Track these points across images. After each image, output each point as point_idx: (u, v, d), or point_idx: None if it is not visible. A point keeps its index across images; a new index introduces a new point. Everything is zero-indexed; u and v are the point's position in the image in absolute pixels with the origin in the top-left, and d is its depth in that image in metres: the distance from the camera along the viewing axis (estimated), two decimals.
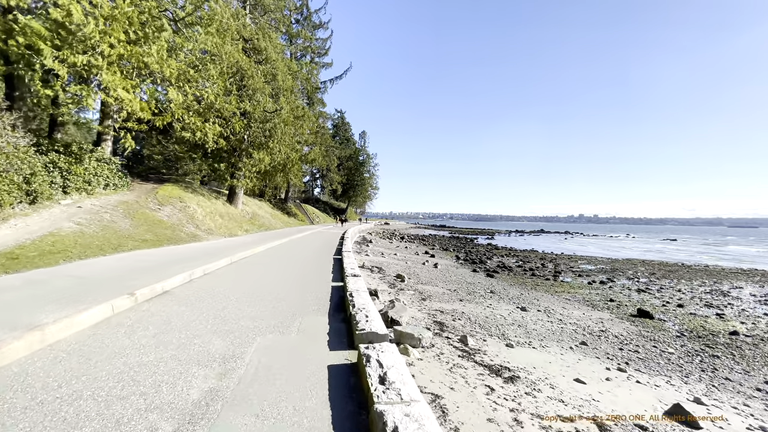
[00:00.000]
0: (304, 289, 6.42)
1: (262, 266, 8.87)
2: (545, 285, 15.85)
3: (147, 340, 3.75)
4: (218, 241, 12.75)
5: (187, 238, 11.49)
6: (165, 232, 10.73)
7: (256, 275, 7.62)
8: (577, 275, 19.88)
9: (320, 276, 7.83)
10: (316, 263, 9.73)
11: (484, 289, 12.86)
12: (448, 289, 11.70)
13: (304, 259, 10.37)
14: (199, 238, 12.18)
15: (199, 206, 14.76)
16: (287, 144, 20.05)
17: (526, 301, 11.54)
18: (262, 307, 5.21)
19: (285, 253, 11.78)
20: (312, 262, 9.96)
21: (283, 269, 8.53)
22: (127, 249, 8.61)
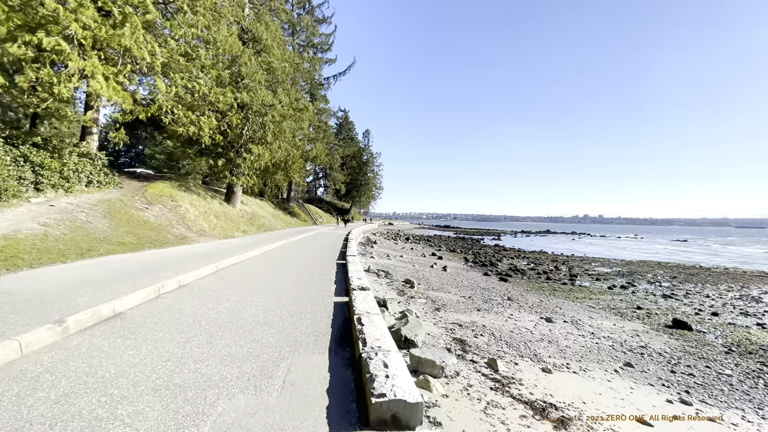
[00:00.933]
0: (299, 309, 5.34)
1: (253, 275, 7.80)
2: (563, 290, 14.78)
3: (41, 410, 2.42)
4: (209, 243, 11.78)
5: (174, 241, 10.53)
6: (149, 234, 9.78)
7: (243, 288, 6.55)
8: (594, 279, 18.78)
9: (321, 288, 6.80)
10: (316, 270, 8.71)
11: (501, 296, 11.82)
12: (462, 297, 10.67)
13: (302, 266, 9.38)
14: (188, 241, 11.23)
15: (192, 206, 13.80)
16: (287, 139, 18.96)
17: (548, 310, 10.49)
18: (241, 341, 3.99)
19: (282, 257, 10.83)
20: (312, 268, 8.95)
21: (277, 279, 7.47)
22: (97, 254, 7.65)
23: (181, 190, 14.86)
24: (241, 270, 8.34)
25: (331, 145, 39.71)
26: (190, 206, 13.63)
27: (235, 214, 17.88)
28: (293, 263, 9.75)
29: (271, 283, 7.10)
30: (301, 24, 28.88)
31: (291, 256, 11.40)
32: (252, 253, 10.62)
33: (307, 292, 6.41)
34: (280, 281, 7.26)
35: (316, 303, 5.69)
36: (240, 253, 10.07)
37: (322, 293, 6.35)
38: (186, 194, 14.74)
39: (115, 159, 49.32)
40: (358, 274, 7.30)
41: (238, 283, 6.92)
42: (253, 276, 7.77)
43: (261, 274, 8.04)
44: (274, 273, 8.16)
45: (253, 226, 18.36)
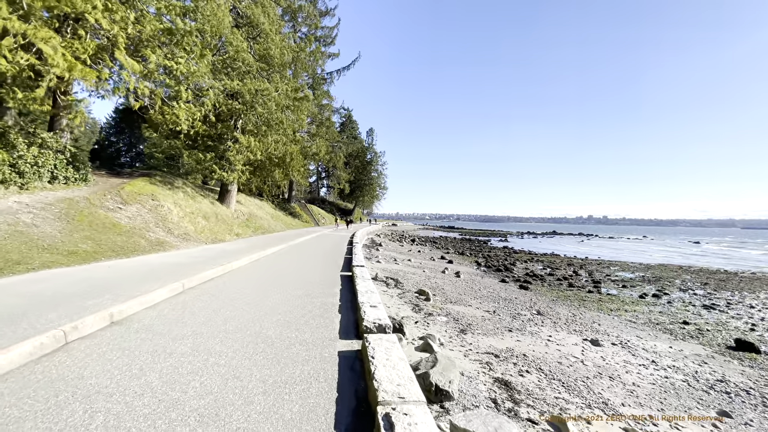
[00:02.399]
0: (281, 373, 3.20)
1: (227, 300, 5.75)
2: (592, 300, 13.29)
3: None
4: (190, 250, 10.34)
5: (146, 247, 8.98)
6: (115, 240, 8.31)
7: (205, 326, 4.40)
8: (620, 286, 17.25)
9: (319, 321, 4.75)
10: (315, 288, 6.87)
11: (527, 309, 10.34)
12: (486, 311, 9.19)
13: (298, 280, 7.60)
14: (165, 247, 9.73)
15: (177, 205, 12.33)
16: (285, 133, 17.21)
17: (586, 327, 9.02)
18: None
19: (274, 268, 9.21)
20: (310, 285, 7.13)
21: (259, 306, 5.48)
22: (24, 269, 6.06)
23: (166, 188, 13.34)
24: (215, 289, 6.48)
25: (334, 143, 38.07)
26: (174, 206, 12.15)
27: (228, 214, 16.33)
28: (287, 277, 7.93)
29: (248, 313, 5.07)
30: (302, 12, 27.07)
31: (285, 266, 9.63)
32: (238, 263, 8.98)
33: (298, 330, 4.35)
34: (263, 310, 5.23)
35: (310, 356, 3.60)
36: (223, 263, 8.48)
37: (321, 333, 4.33)
38: (171, 192, 13.22)
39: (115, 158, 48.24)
40: (371, 296, 5.50)
41: (202, 316, 4.84)
42: (227, 301, 5.72)
43: (240, 296, 6.07)
44: (257, 294, 6.19)
45: (248, 228, 16.87)
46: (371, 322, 4.11)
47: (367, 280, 6.89)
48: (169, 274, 6.85)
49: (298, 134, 19.43)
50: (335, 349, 3.84)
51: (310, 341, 4.05)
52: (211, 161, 14.39)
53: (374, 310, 4.60)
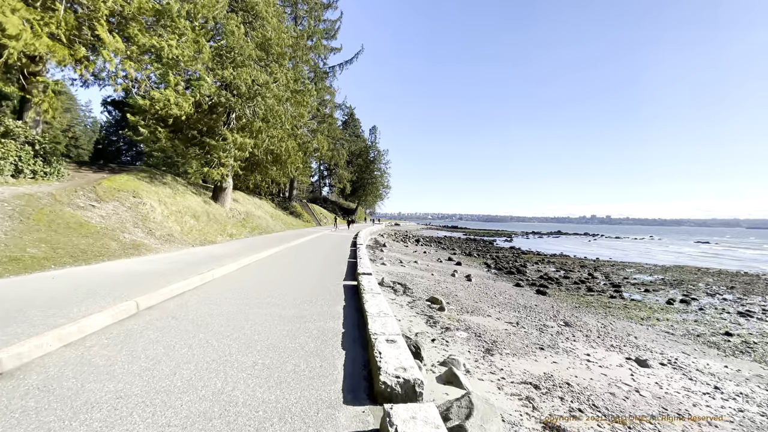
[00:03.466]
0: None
1: (191, 327, 4.31)
2: (617, 306, 12.21)
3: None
4: (171, 254, 9.14)
5: (117, 251, 7.83)
6: (78, 242, 7.17)
7: (143, 381, 2.89)
8: (642, 290, 16.12)
9: (314, 370, 3.24)
10: (311, 306, 5.41)
11: (552, 318, 9.28)
12: (508, 322, 8.13)
13: (290, 294, 6.18)
14: (141, 250, 8.57)
15: (161, 203, 11.23)
16: (282, 127, 15.94)
17: (621, 340, 7.96)
18: None
19: (263, 277, 7.83)
20: (304, 301, 5.74)
21: (232, 338, 3.97)
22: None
23: (151, 184, 12.18)
24: (180, 310, 5.01)
25: (336, 140, 36.94)
26: (158, 204, 11.06)
27: (222, 214, 15.23)
28: (278, 289, 6.59)
29: (214, 351, 3.56)
30: (304, 4, 25.79)
31: (279, 273, 8.30)
32: (222, 271, 7.74)
33: (281, 386, 2.88)
34: (236, 346, 3.72)
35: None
36: (203, 270, 7.24)
37: (316, 391, 2.83)
38: (156, 189, 12.06)
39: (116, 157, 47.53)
40: (386, 321, 4.06)
41: (143, 360, 3.30)
42: (190, 330, 4.19)
43: (210, 320, 4.56)
44: (234, 317, 4.75)
45: (245, 228, 15.79)
46: (392, 375, 2.72)
47: (378, 294, 5.58)
48: (126, 287, 5.52)
49: (299, 129, 18.16)
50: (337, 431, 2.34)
51: (298, 412, 2.52)
52: (195, 156, 13.21)
53: (393, 348, 3.27)
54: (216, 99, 12.46)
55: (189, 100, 10.71)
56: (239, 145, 14.13)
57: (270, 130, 15.17)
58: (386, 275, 12.21)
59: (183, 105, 10.50)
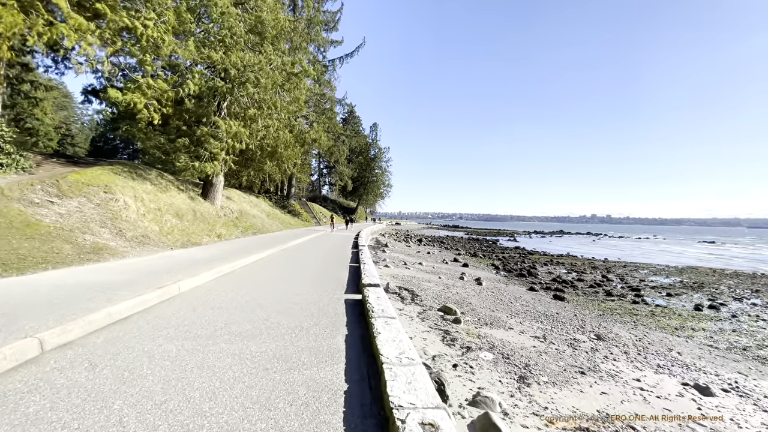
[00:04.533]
0: None
1: (109, 388, 2.74)
2: (643, 314, 11.18)
3: None
4: (139, 259, 7.92)
5: (69, 256, 6.63)
6: (18, 246, 5.87)
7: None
8: (664, 294, 15.07)
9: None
10: (298, 339, 3.98)
11: (579, 330, 8.22)
12: (533, 336, 7.07)
13: (271, 319, 4.70)
14: (103, 255, 7.49)
15: (138, 200, 10.07)
16: (278, 117, 14.67)
17: (665, 357, 6.92)
18: None
19: (241, 290, 6.33)
20: (290, 330, 4.28)
21: (172, 410, 2.47)
22: None
23: (129, 179, 10.94)
24: (104, 352, 3.46)
25: (336, 136, 35.69)
26: (134, 201, 9.91)
27: (211, 212, 14.01)
28: (256, 311, 5.04)
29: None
30: None
31: (263, 287, 6.72)
32: (191, 282, 6.29)
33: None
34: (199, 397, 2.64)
35: None
36: (168, 282, 5.86)
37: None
38: (133, 184, 10.82)
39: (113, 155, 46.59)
40: (413, 372, 2.77)
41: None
42: (93, 404, 2.50)
43: (141, 378, 2.95)
44: (182, 371, 3.10)
45: (237, 227, 14.64)
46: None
47: (393, 320, 4.10)
48: (45, 311, 4.09)
49: (295, 119, 16.80)
50: None
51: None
52: (182, 148, 11.93)
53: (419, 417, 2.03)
54: (204, 86, 11.30)
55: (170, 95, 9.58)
56: (233, 133, 12.91)
57: (264, 119, 13.89)
58: (391, 279, 11.15)
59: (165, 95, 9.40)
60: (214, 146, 12.23)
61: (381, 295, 5.35)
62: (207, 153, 12.65)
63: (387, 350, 3.20)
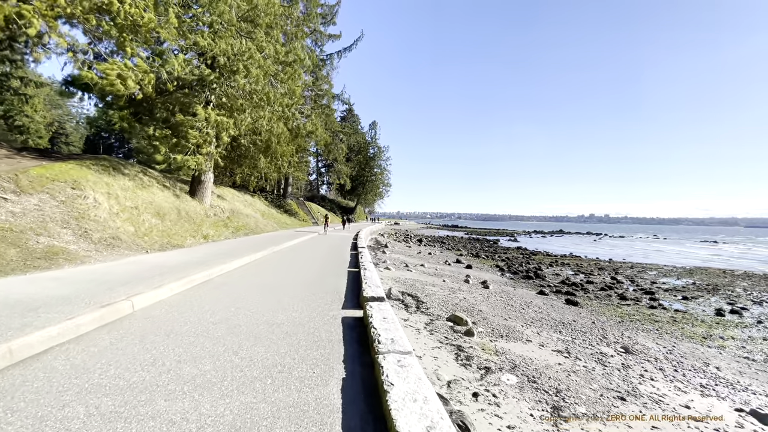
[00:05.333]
0: None
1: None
2: (665, 320, 10.42)
3: None
4: (100, 266, 6.77)
5: (12, 263, 5.86)
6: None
7: None
8: (679, 297, 14.33)
9: None
10: (276, 395, 2.66)
11: (604, 341, 7.43)
12: (556, 351, 6.27)
13: (244, 361, 3.26)
14: (56, 260, 6.45)
15: (111, 197, 9.14)
16: (270, 107, 13.61)
17: (704, 374, 6.15)
18: None
19: (215, 310, 4.94)
20: (265, 380, 2.91)
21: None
22: None
23: (104, 174, 10.04)
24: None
25: (334, 133, 34.68)
26: (106, 198, 8.99)
27: (199, 211, 13.04)
28: (225, 343, 3.73)
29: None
30: None
31: (241, 301, 5.50)
32: (153, 296, 5.17)
33: None
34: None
35: None
36: (121, 297, 4.73)
37: None
38: (109, 179, 9.90)
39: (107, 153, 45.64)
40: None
41: None
42: None
43: None
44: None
45: (227, 228, 13.71)
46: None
47: (409, 355, 2.99)
48: None
49: (289, 111, 15.75)
50: None
51: None
52: (162, 139, 10.91)
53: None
54: (189, 72, 10.43)
55: (150, 78, 8.73)
56: (215, 123, 11.92)
57: (255, 111, 12.94)
58: (393, 283, 10.35)
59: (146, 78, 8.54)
60: (192, 136, 11.16)
61: (388, 315, 4.28)
62: (190, 145, 11.68)
63: (406, 421, 2.01)
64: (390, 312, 4.33)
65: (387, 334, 3.46)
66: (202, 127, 11.30)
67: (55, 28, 7.25)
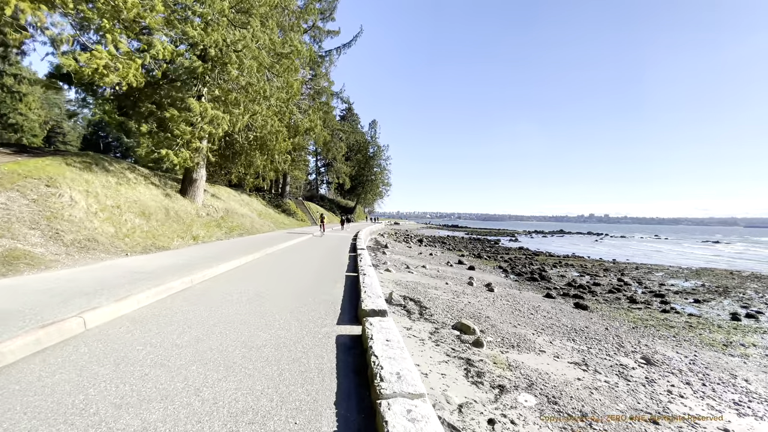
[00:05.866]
0: None
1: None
2: (680, 326, 9.90)
3: None
4: (65, 272, 6.03)
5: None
6: None
7: None
8: (690, 300, 13.83)
9: None
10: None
11: (621, 351, 6.92)
12: (573, 363, 5.75)
13: (202, 402, 2.51)
14: (16, 266, 5.79)
15: (89, 196, 8.63)
16: (265, 100, 13.24)
17: (734, 388, 5.66)
18: None
19: (185, 328, 4.14)
20: (235, 425, 2.24)
21: None
22: None
23: (84, 171, 9.41)
24: None
25: (334, 131, 34.02)
26: (85, 196, 8.37)
27: (190, 211, 12.43)
28: (198, 368, 3.08)
29: None
30: None
31: (220, 318, 4.58)
32: (114, 311, 4.38)
33: None
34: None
35: None
36: (73, 312, 3.96)
37: None
38: (89, 177, 9.54)
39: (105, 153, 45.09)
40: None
41: None
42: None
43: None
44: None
45: (220, 228, 13.09)
46: None
47: (422, 401, 2.31)
48: None
49: (286, 105, 15.04)
50: None
51: None
52: (147, 133, 10.30)
53: None
54: (179, 65, 9.87)
55: (136, 65, 8.18)
56: (210, 118, 11.24)
57: (251, 105, 12.30)
58: (394, 286, 9.83)
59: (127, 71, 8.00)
60: (182, 131, 10.37)
61: (392, 335, 3.50)
62: (179, 140, 11.04)
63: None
64: (394, 331, 3.66)
65: (391, 366, 2.76)
66: (197, 122, 10.62)
67: (30, 10, 6.72)
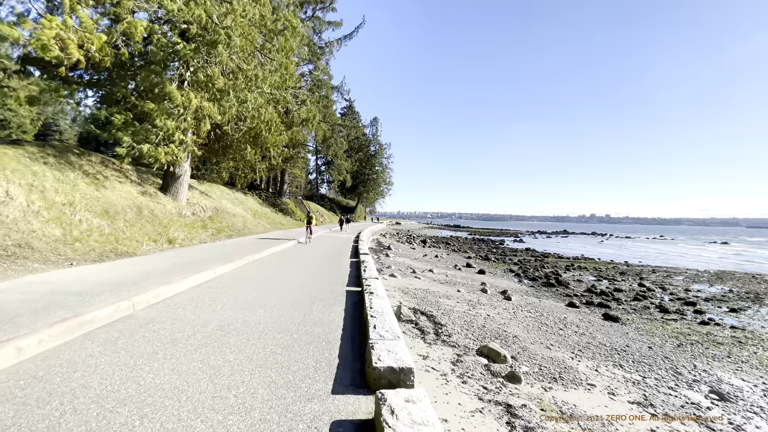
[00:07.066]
0: None
1: None
2: (729, 341, 8.67)
3: None
4: None
5: None
6: None
7: None
8: (724, 309, 12.60)
9: None
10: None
11: (683, 381, 5.70)
12: (633, 402, 4.54)
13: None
14: None
15: (33, 190, 7.34)
16: (256, 86, 12.00)
17: None
18: None
19: (83, 400, 2.31)
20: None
21: None
22: None
23: (34, 162, 8.10)
24: None
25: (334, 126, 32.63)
26: (27, 191, 6.94)
27: (171, 210, 11.14)
28: None
29: None
30: None
31: (147, 384, 2.59)
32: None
33: None
34: None
35: None
36: None
37: None
38: (38, 168, 8.29)
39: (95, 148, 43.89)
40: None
41: None
42: None
43: None
44: None
45: (205, 229, 11.72)
46: None
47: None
48: None
49: (280, 92, 13.51)
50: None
51: None
52: (125, 126, 8.98)
53: None
54: (157, 43, 8.65)
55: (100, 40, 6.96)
56: (193, 108, 9.97)
57: (240, 91, 10.90)
58: (401, 296, 8.60)
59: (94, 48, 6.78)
60: (163, 123, 9.14)
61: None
62: (160, 134, 9.68)
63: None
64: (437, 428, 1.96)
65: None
66: (178, 113, 9.20)
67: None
